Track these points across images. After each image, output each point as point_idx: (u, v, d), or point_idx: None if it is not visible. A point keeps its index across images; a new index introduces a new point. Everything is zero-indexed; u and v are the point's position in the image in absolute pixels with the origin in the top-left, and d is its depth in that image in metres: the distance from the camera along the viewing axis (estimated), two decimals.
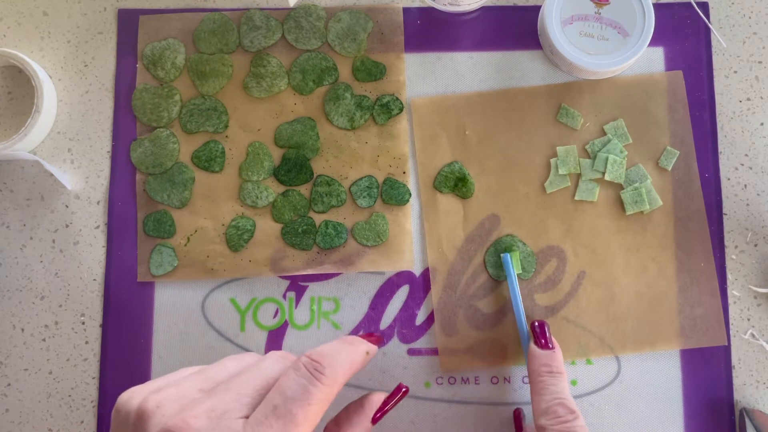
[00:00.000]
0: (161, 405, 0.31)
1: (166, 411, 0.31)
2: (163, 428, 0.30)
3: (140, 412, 0.31)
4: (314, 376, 0.32)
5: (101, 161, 0.52)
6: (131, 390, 0.33)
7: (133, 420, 0.31)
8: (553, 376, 0.43)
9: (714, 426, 0.49)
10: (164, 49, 0.52)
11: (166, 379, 0.34)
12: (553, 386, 0.42)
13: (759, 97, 0.52)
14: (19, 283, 0.51)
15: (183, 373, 0.34)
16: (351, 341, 0.36)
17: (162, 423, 0.30)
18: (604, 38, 0.49)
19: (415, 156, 0.51)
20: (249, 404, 0.32)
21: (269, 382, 0.33)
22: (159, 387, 0.33)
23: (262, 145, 0.51)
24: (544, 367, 0.43)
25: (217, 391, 0.32)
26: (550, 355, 0.44)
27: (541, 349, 0.44)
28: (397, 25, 0.52)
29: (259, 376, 0.33)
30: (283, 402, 0.31)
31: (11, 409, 0.50)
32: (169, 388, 0.32)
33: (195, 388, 0.33)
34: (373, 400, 0.39)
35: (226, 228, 0.51)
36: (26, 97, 0.52)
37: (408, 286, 0.50)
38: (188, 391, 0.32)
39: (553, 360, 0.44)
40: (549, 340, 0.45)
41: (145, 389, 0.33)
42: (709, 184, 0.51)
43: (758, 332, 0.50)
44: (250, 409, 0.31)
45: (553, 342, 0.45)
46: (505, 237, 0.50)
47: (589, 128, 0.51)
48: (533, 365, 0.44)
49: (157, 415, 0.31)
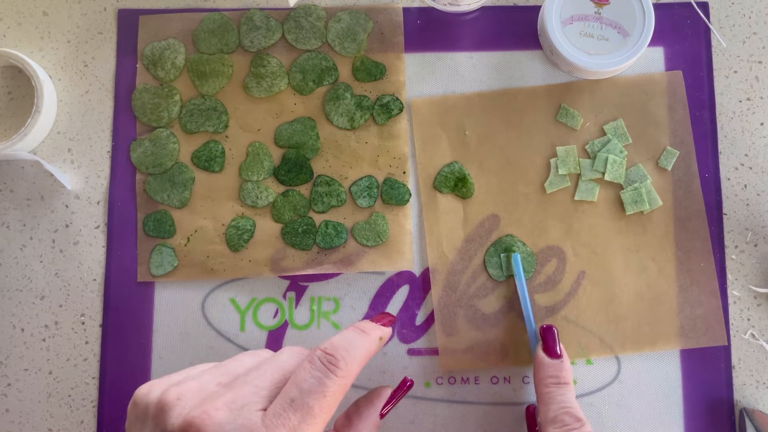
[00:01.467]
0: (182, 397, 0.32)
1: (186, 403, 0.32)
2: (184, 420, 0.31)
3: (161, 404, 0.32)
4: (329, 369, 0.33)
5: (101, 161, 0.52)
6: (149, 383, 0.34)
7: (153, 412, 0.32)
8: (560, 387, 0.43)
9: (714, 426, 0.49)
10: (164, 49, 0.52)
11: (185, 373, 0.35)
12: (560, 396, 0.42)
13: (759, 97, 0.52)
14: (19, 283, 0.51)
15: (201, 368, 0.35)
16: (364, 328, 0.37)
17: (183, 415, 0.31)
18: (604, 38, 0.49)
19: (415, 156, 0.51)
20: (267, 397, 0.32)
21: (286, 376, 0.34)
22: (178, 380, 0.33)
23: (262, 145, 0.51)
24: (551, 378, 0.43)
25: (236, 384, 0.33)
26: (558, 365, 0.44)
27: (549, 358, 0.44)
28: (397, 25, 0.52)
29: (277, 370, 0.34)
30: (300, 395, 0.32)
31: (11, 409, 0.50)
32: (188, 382, 0.33)
33: (214, 381, 0.33)
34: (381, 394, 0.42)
35: (226, 228, 0.51)
36: (26, 97, 0.52)
37: (408, 286, 0.50)
38: (207, 385, 0.33)
39: (561, 370, 0.44)
40: (557, 349, 0.45)
41: (165, 382, 0.34)
42: (709, 184, 0.51)
43: (758, 332, 0.50)
44: (268, 402, 0.32)
45: (562, 350, 0.45)
46: (506, 237, 0.50)
47: (588, 128, 0.51)
48: (541, 374, 0.44)
49: (178, 407, 0.31)
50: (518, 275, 0.48)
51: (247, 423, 0.31)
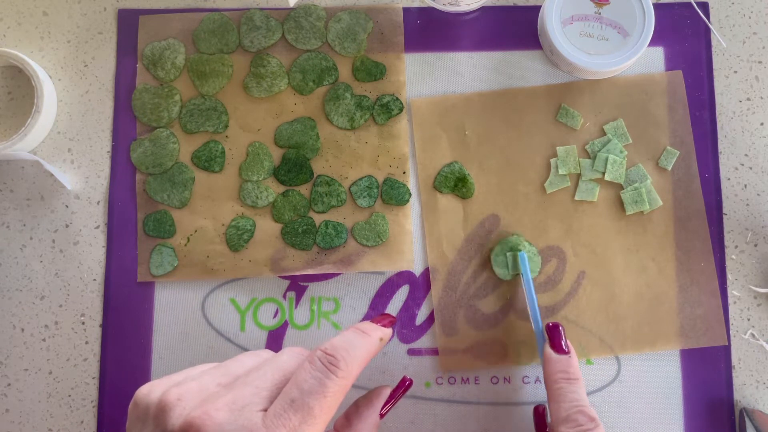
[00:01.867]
0: (182, 398, 0.32)
1: (187, 404, 0.32)
2: (185, 420, 0.31)
3: (161, 404, 0.32)
4: (329, 369, 0.33)
5: (101, 161, 0.52)
6: (150, 384, 0.34)
7: (153, 413, 0.32)
8: (570, 382, 0.42)
9: (714, 426, 0.49)
10: (164, 49, 0.52)
11: (185, 373, 0.35)
12: (572, 393, 0.42)
13: (759, 97, 0.52)
14: (19, 283, 0.51)
15: (201, 368, 0.35)
16: (364, 329, 0.37)
17: (184, 415, 0.31)
18: (604, 38, 0.49)
19: (415, 156, 0.51)
20: (267, 397, 0.32)
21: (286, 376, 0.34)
22: (179, 381, 0.33)
23: (262, 145, 0.51)
24: (561, 373, 0.43)
25: (237, 385, 0.33)
26: (566, 360, 0.44)
27: (557, 354, 0.44)
28: (397, 25, 0.52)
29: (277, 370, 0.34)
30: (300, 395, 0.32)
31: (11, 409, 0.50)
32: (189, 382, 0.33)
33: (214, 382, 0.33)
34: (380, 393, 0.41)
35: (226, 228, 0.51)
36: (26, 97, 0.52)
37: (408, 286, 0.50)
38: (208, 385, 0.33)
39: (569, 366, 0.43)
40: (565, 344, 0.44)
41: (165, 383, 0.34)
42: (709, 184, 0.51)
43: (758, 332, 0.50)
44: (268, 402, 0.32)
45: (569, 346, 0.44)
46: (512, 237, 0.50)
47: (589, 128, 0.51)
48: (549, 370, 0.44)
49: (179, 407, 0.32)
50: (525, 274, 0.48)
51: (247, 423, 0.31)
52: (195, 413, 0.31)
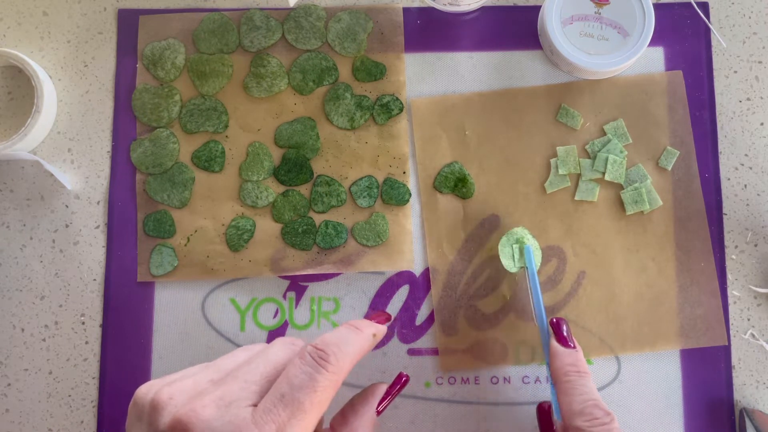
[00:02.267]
0: (174, 396, 0.32)
1: (177, 402, 0.32)
2: (173, 418, 0.31)
3: (154, 403, 0.32)
4: (320, 364, 0.33)
5: (101, 161, 0.52)
6: (150, 383, 0.34)
7: (147, 411, 0.33)
8: (581, 375, 0.42)
9: (714, 426, 0.49)
10: (164, 49, 0.52)
11: (183, 373, 0.35)
12: (583, 386, 0.41)
13: (759, 97, 0.52)
14: (19, 283, 0.51)
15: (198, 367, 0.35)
16: (357, 325, 0.37)
17: (173, 413, 0.31)
18: (604, 38, 0.49)
19: (415, 156, 0.51)
20: (257, 392, 0.33)
21: (277, 369, 0.34)
22: (173, 380, 0.34)
23: (262, 145, 0.51)
24: (570, 366, 0.42)
25: (226, 380, 0.33)
26: (575, 354, 0.43)
27: (564, 348, 0.44)
28: (397, 25, 0.52)
29: (267, 363, 0.34)
30: (290, 390, 0.32)
31: (11, 409, 0.50)
32: (182, 381, 0.33)
33: (206, 379, 0.34)
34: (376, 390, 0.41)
35: (226, 228, 0.51)
36: (26, 97, 0.52)
37: (408, 286, 0.50)
38: (199, 383, 0.33)
39: (578, 360, 0.43)
40: (570, 339, 0.44)
41: (161, 382, 0.34)
42: (709, 184, 0.51)
43: (758, 332, 0.50)
44: (258, 397, 0.32)
45: (574, 341, 0.44)
46: (518, 228, 0.49)
47: (589, 128, 0.51)
48: (558, 364, 0.43)
49: (170, 406, 0.32)
50: (530, 268, 0.47)
51: (234, 419, 0.31)
52: (182, 411, 0.31)
